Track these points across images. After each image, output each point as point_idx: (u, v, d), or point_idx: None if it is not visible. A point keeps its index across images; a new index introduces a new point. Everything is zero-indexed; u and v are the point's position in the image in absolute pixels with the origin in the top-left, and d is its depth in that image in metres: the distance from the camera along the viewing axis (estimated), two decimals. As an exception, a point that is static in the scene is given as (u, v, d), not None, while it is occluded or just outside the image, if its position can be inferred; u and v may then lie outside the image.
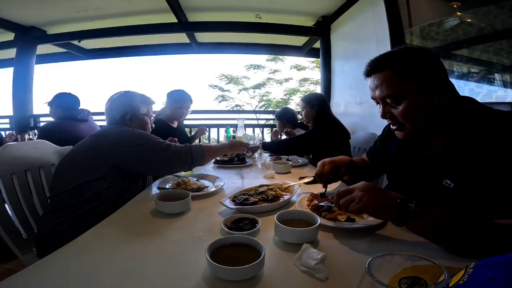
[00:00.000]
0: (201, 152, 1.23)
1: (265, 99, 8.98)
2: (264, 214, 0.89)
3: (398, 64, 0.75)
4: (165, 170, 1.24)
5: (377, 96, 0.80)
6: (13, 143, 1.19)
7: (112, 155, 1.10)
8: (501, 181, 0.62)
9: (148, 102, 1.37)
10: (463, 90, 1.87)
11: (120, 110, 1.28)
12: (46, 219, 1.07)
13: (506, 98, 1.61)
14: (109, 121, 1.31)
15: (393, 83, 0.75)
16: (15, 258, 1.57)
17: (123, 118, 1.28)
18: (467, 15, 1.79)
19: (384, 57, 0.78)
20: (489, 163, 0.64)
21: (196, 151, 1.21)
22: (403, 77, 0.74)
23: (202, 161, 1.25)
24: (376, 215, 0.70)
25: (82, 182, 1.07)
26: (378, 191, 0.68)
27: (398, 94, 0.75)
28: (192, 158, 1.19)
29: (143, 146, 1.12)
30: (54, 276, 0.57)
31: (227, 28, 3.69)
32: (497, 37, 1.62)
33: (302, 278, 0.55)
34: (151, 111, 1.39)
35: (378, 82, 0.78)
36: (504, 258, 0.35)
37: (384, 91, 0.76)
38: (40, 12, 3.35)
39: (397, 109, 0.77)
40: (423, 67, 0.74)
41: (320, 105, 2.09)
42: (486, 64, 1.73)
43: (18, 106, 3.82)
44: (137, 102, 1.31)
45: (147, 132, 1.26)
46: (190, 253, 0.66)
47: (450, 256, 0.61)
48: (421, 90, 0.74)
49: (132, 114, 1.29)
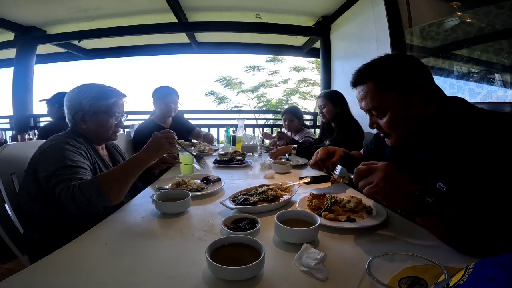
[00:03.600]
0: (94, 188, 0.86)
1: (264, 100, 8.99)
2: (264, 214, 0.89)
3: (381, 76, 0.77)
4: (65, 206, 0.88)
5: (363, 108, 0.83)
6: (13, 143, 1.18)
7: (35, 169, 0.96)
8: (501, 181, 0.62)
9: (107, 96, 1.13)
10: (463, 90, 1.87)
11: (71, 108, 1.11)
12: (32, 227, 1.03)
13: (506, 98, 1.61)
14: (69, 123, 1.16)
15: (376, 96, 0.77)
16: (15, 258, 1.57)
17: (74, 119, 1.12)
18: (467, 15, 1.79)
19: (368, 68, 0.80)
20: (487, 164, 0.64)
21: (86, 189, 0.85)
22: (387, 88, 0.76)
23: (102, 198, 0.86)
24: (389, 203, 0.66)
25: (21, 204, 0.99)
26: (399, 179, 0.64)
27: (381, 107, 0.78)
28: (86, 198, 0.84)
29: (51, 177, 0.90)
30: (54, 276, 0.57)
31: (227, 28, 3.70)
32: (497, 37, 1.62)
33: (302, 278, 0.55)
34: (114, 108, 1.15)
35: (362, 94, 0.81)
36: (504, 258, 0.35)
37: (369, 104, 0.79)
38: (40, 12, 3.36)
39: (382, 120, 0.80)
40: (407, 76, 0.75)
41: (343, 104, 2.01)
42: (486, 64, 1.73)
43: (18, 106, 3.83)
44: (89, 98, 1.09)
45: (64, 156, 0.95)
46: (190, 253, 0.66)
47: (450, 256, 0.61)
48: (405, 100, 0.75)
49: (84, 114, 1.10)
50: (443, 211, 0.60)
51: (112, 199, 0.89)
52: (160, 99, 2.12)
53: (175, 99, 2.16)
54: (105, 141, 1.27)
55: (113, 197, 0.89)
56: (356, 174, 0.69)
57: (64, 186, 0.87)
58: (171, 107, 2.13)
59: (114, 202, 0.90)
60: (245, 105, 9.03)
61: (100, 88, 1.14)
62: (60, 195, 0.86)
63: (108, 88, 1.16)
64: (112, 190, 0.89)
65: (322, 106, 2.04)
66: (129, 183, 0.95)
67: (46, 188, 0.92)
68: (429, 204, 0.60)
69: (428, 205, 0.60)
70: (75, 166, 0.95)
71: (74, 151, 1.01)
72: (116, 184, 0.90)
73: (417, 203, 0.61)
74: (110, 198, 0.88)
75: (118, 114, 1.17)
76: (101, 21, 3.61)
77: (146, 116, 2.43)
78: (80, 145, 1.07)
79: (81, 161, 0.99)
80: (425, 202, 0.60)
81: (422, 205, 0.61)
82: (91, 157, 1.10)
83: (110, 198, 0.88)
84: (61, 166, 0.92)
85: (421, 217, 0.63)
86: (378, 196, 0.65)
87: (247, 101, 9.06)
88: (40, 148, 1.02)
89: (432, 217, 0.61)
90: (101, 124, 1.13)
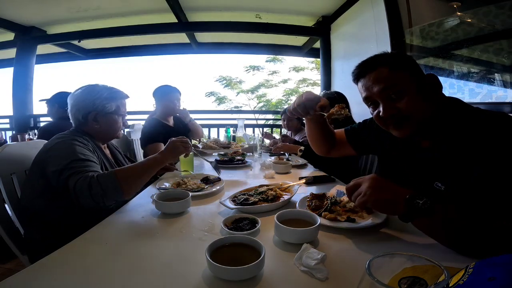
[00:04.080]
0: (111, 180, 0.89)
1: (263, 100, 9.00)
2: (264, 214, 0.89)
3: (390, 60, 0.77)
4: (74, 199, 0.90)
5: (376, 92, 0.77)
6: (13, 143, 1.19)
7: (43, 166, 0.98)
8: (500, 181, 0.62)
9: (116, 97, 1.19)
10: (463, 90, 1.87)
11: (82, 109, 1.13)
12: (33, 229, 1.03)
13: (506, 98, 1.61)
14: (73, 123, 1.18)
15: (390, 75, 0.76)
16: (15, 258, 1.57)
17: (85, 119, 1.14)
18: (467, 15, 1.79)
19: (375, 57, 0.81)
20: (486, 164, 0.64)
21: (103, 180, 0.88)
22: (399, 67, 0.76)
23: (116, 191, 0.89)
24: (381, 210, 0.68)
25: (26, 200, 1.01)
26: (386, 185, 0.66)
27: (398, 85, 0.75)
28: (102, 189, 0.87)
29: (64, 170, 0.92)
30: (54, 276, 0.57)
31: (227, 28, 3.70)
32: (497, 37, 1.62)
33: (302, 278, 0.55)
34: (122, 108, 1.21)
35: (374, 78, 0.77)
36: (504, 258, 0.35)
37: (383, 83, 0.75)
38: (40, 12, 3.36)
39: (401, 100, 0.75)
40: (414, 62, 0.78)
41: (347, 106, 2.01)
42: (486, 64, 1.73)
43: (18, 106, 3.83)
44: (101, 99, 1.14)
45: (75, 151, 0.98)
46: (190, 253, 0.66)
47: (450, 256, 0.61)
48: (419, 79, 0.76)
49: (97, 114, 1.14)
50: (437, 213, 0.60)
51: (125, 194, 0.93)
52: (163, 97, 2.14)
53: (177, 96, 2.18)
54: (111, 140, 1.31)
55: (127, 191, 0.93)
56: (347, 191, 0.72)
57: (80, 176, 0.89)
58: (175, 104, 2.15)
59: (126, 196, 0.94)
60: (245, 105, 9.05)
61: (107, 89, 1.18)
62: (75, 185, 0.88)
63: (114, 89, 1.20)
64: (128, 185, 0.93)
65: None
66: (144, 181, 1.01)
67: (57, 182, 0.93)
68: (419, 207, 0.60)
69: (418, 208, 0.61)
70: (87, 160, 0.99)
71: (83, 147, 1.04)
72: (132, 180, 0.95)
73: (408, 207, 0.62)
74: (124, 192, 0.92)
75: (124, 114, 1.24)
76: (101, 21, 3.61)
77: (145, 116, 2.43)
78: (87, 142, 1.10)
79: (91, 156, 1.03)
80: (416, 205, 0.61)
81: (412, 208, 0.61)
82: (98, 155, 1.12)
83: (124, 192, 0.91)
84: (74, 159, 0.95)
85: (415, 220, 0.63)
86: (369, 205, 0.66)
87: (247, 101, 9.07)
88: (45, 146, 1.04)
89: (427, 220, 0.62)
90: (112, 124, 1.19)
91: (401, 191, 0.64)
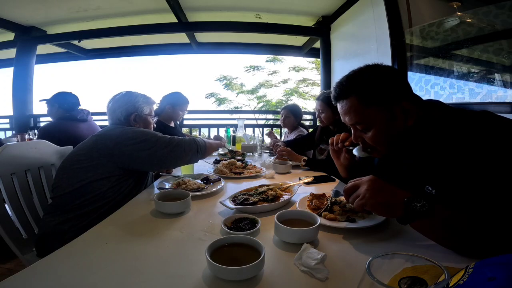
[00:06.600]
0: (204, 145, 1.27)
1: (264, 100, 8.99)
2: (264, 214, 0.89)
3: (363, 90, 0.76)
4: (171, 162, 1.21)
5: (347, 123, 0.82)
6: (13, 143, 1.19)
7: (117, 154, 1.10)
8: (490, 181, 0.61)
9: (149, 102, 1.39)
10: (463, 90, 1.87)
11: (124, 111, 1.29)
12: (48, 219, 1.07)
13: (506, 98, 1.61)
14: (113, 122, 1.30)
15: (360, 111, 0.77)
16: (15, 258, 1.57)
17: (127, 119, 1.29)
18: (467, 15, 1.79)
19: (349, 81, 0.79)
20: (473, 165, 0.63)
21: (200, 142, 1.25)
22: (370, 103, 0.75)
23: (204, 154, 1.29)
24: (380, 213, 0.68)
25: (87, 182, 1.07)
26: (384, 187, 0.66)
27: (366, 122, 0.77)
28: (198, 148, 1.23)
29: (145, 142, 1.13)
30: (54, 276, 0.57)
31: (227, 28, 3.70)
32: (497, 37, 1.62)
33: (302, 278, 0.55)
34: (153, 111, 1.42)
35: (346, 109, 0.80)
36: (504, 258, 0.35)
37: (353, 119, 0.79)
38: (40, 12, 3.36)
39: (367, 134, 0.79)
40: (388, 89, 0.75)
41: None
42: (486, 64, 1.73)
43: (18, 106, 3.83)
44: (140, 102, 1.33)
45: (149, 129, 1.30)
46: (190, 253, 0.66)
47: (450, 256, 0.61)
48: (388, 114, 0.75)
49: (137, 115, 1.31)
50: (434, 215, 0.60)
51: (205, 156, 1.34)
52: (179, 105, 2.26)
53: (187, 107, 2.34)
54: None
55: (206, 155, 1.35)
56: (345, 193, 0.72)
57: (182, 138, 1.22)
58: (184, 113, 2.36)
59: (204, 157, 1.34)
60: (245, 105, 9.03)
61: (142, 95, 1.37)
62: (181, 142, 1.19)
63: (146, 95, 1.40)
64: (208, 151, 1.35)
65: (320, 111, 1.89)
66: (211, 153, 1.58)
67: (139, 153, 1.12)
68: (418, 209, 0.60)
69: (416, 210, 0.61)
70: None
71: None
72: (211, 148, 1.37)
73: (406, 209, 0.62)
74: (206, 155, 1.34)
75: (154, 116, 1.45)
76: (101, 21, 3.61)
77: None
78: None
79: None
80: (414, 207, 0.61)
81: (410, 210, 0.61)
82: None
83: (206, 155, 1.34)
84: (153, 133, 1.19)
85: (413, 222, 0.63)
86: (367, 207, 0.66)
87: (247, 101, 9.06)
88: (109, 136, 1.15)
89: (425, 222, 0.61)
90: (148, 124, 1.39)
91: (399, 193, 0.64)
